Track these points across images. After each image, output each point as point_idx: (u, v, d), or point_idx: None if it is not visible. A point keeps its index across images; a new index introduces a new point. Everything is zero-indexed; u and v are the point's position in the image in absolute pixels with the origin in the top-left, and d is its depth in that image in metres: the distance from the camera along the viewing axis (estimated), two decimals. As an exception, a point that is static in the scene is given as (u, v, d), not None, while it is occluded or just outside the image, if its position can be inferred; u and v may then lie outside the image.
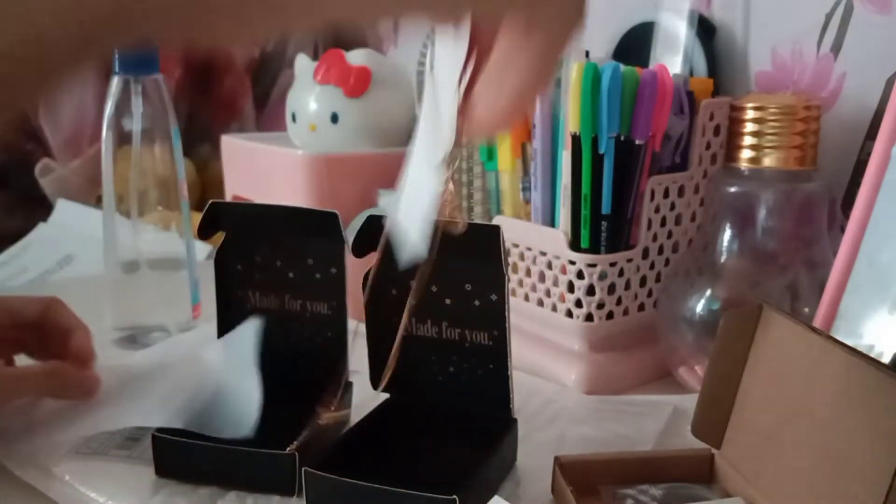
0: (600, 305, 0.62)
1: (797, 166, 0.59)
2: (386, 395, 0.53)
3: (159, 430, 0.49)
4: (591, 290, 0.61)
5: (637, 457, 0.49)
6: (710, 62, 0.73)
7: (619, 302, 0.63)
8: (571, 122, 0.60)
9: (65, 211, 1.19)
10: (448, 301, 0.50)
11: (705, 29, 0.73)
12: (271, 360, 0.53)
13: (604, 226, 0.61)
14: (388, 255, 0.49)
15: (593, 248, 0.61)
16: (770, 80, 0.72)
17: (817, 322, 0.53)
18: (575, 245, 0.62)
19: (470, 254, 0.48)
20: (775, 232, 0.60)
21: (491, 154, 0.70)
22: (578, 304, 0.62)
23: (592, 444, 0.50)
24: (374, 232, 0.49)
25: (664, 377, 0.65)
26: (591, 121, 0.59)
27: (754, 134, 0.59)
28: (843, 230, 0.54)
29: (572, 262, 0.61)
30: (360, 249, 0.50)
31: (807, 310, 0.58)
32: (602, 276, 0.61)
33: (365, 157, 0.84)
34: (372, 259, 0.50)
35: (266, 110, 1.34)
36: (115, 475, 0.49)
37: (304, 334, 0.56)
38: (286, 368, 0.54)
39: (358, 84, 0.82)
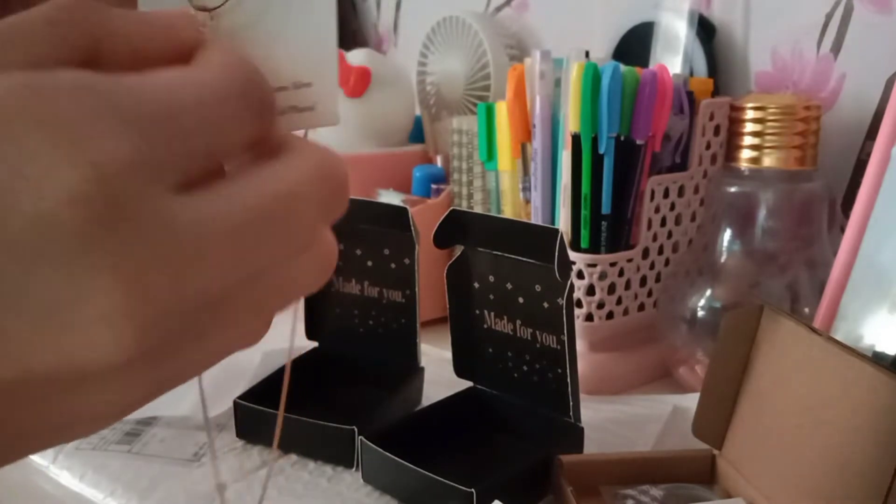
0: (600, 305, 0.62)
1: (797, 166, 0.59)
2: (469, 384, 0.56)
3: (240, 397, 0.52)
4: (591, 290, 0.61)
5: (637, 457, 0.49)
6: (710, 62, 0.73)
7: (619, 302, 0.63)
8: (571, 122, 0.60)
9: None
10: (521, 300, 0.51)
11: (705, 29, 0.73)
12: (351, 342, 0.59)
13: (604, 226, 0.61)
14: (470, 248, 0.52)
15: (593, 248, 0.61)
16: (770, 80, 0.72)
17: (817, 322, 0.53)
18: (575, 245, 0.62)
19: (535, 254, 0.48)
20: (775, 232, 0.60)
21: (491, 154, 0.70)
22: (579, 304, 0.62)
23: (592, 444, 0.50)
24: (456, 225, 0.50)
25: (664, 377, 0.65)
26: (591, 121, 0.59)
27: (754, 134, 0.59)
28: (843, 230, 0.54)
29: (572, 262, 0.61)
30: (443, 241, 0.52)
31: (807, 310, 0.58)
32: (602, 276, 0.61)
33: (365, 157, 0.84)
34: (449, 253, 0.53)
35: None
36: (114, 470, 0.49)
37: (380, 319, 0.59)
38: (364, 350, 0.59)
39: (358, 84, 0.82)
